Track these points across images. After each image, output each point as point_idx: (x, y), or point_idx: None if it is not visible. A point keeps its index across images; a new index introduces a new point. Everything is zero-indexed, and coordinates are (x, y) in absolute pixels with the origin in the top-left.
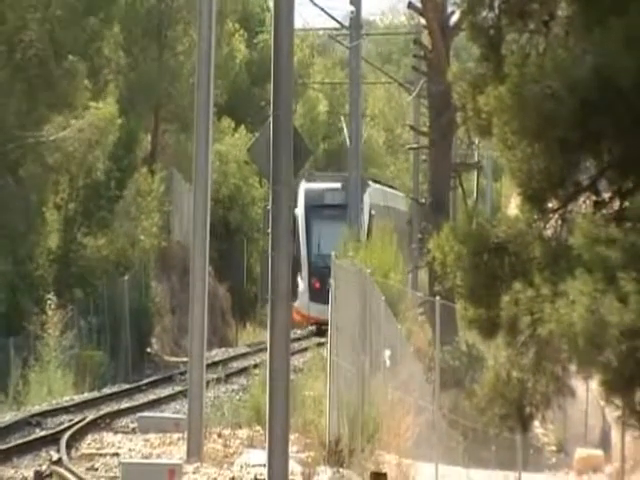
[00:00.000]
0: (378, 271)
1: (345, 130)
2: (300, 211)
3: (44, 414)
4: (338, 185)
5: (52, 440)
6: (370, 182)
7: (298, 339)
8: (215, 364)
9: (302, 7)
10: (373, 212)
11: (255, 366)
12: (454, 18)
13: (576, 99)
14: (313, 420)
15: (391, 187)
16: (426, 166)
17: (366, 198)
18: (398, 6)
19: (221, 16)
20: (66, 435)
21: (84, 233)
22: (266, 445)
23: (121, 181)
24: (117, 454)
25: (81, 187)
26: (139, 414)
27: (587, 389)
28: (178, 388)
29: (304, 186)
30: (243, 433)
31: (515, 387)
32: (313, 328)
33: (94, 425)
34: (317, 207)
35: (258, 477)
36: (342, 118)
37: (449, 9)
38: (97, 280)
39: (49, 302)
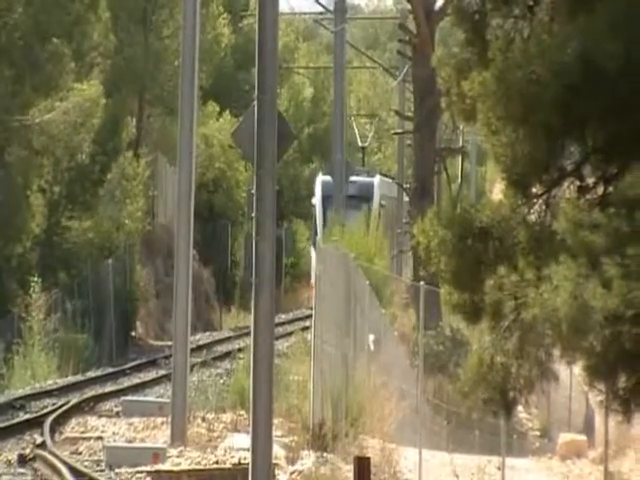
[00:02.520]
0: (363, 256)
1: (356, 130)
2: (317, 200)
3: (28, 397)
4: (353, 178)
5: (36, 424)
6: (378, 175)
7: (282, 323)
8: (199, 348)
9: None
10: (383, 203)
11: (239, 350)
12: (439, 3)
13: (560, 84)
14: (297, 404)
15: (392, 178)
16: (411, 151)
17: (376, 190)
18: None
19: (206, 0)
20: (50, 419)
21: (68, 216)
22: (250, 429)
23: (106, 164)
24: (101, 438)
25: (66, 170)
26: (123, 398)
27: (571, 374)
28: (162, 372)
29: (320, 178)
30: (227, 417)
31: (499, 371)
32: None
33: (78, 409)
34: (332, 197)
35: (242, 461)
36: (352, 118)
37: None
38: (82, 263)
39: (33, 285)
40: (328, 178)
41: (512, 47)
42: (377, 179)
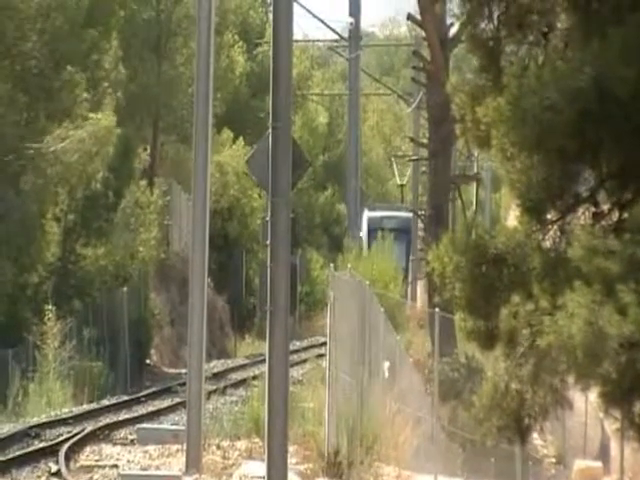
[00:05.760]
0: (378, 283)
1: (395, 169)
2: (364, 234)
3: (43, 426)
4: (393, 213)
5: (51, 452)
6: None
7: (297, 351)
8: (214, 375)
9: (301, 19)
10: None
11: (254, 378)
12: (453, 30)
13: (575, 110)
14: (312, 432)
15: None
16: (425, 178)
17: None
18: (398, 17)
19: (220, 28)
20: (65, 447)
21: (83, 244)
22: (265, 457)
23: (119, 191)
24: (116, 466)
25: (80, 198)
26: (138, 425)
27: (586, 401)
28: (177, 399)
29: (367, 214)
30: (242, 445)
31: (513, 398)
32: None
33: (93, 437)
34: (377, 230)
35: None
36: (393, 160)
37: (448, 21)
38: (96, 291)
39: (48, 313)
40: (373, 213)
41: (526, 73)
42: None
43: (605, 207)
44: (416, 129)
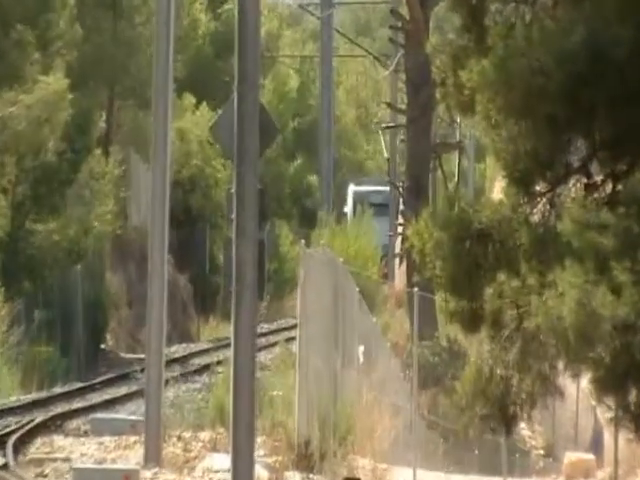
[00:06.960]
0: (356, 261)
1: (382, 141)
2: (349, 209)
3: None
4: (380, 188)
5: None
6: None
7: (265, 334)
8: (175, 361)
9: None
10: None
11: (218, 363)
12: None
13: (565, 73)
14: (281, 421)
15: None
16: (404, 146)
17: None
18: None
19: None
20: (13, 438)
21: (33, 219)
22: (230, 449)
23: (75, 164)
24: (68, 459)
25: (31, 169)
26: (92, 415)
27: (577, 388)
28: (135, 387)
29: (352, 188)
30: (205, 436)
31: (498, 385)
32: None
33: (43, 427)
34: (363, 205)
35: None
36: (380, 132)
37: None
38: (48, 270)
39: None
40: (360, 188)
41: (513, 33)
42: None
43: (598, 178)
44: (393, 94)
